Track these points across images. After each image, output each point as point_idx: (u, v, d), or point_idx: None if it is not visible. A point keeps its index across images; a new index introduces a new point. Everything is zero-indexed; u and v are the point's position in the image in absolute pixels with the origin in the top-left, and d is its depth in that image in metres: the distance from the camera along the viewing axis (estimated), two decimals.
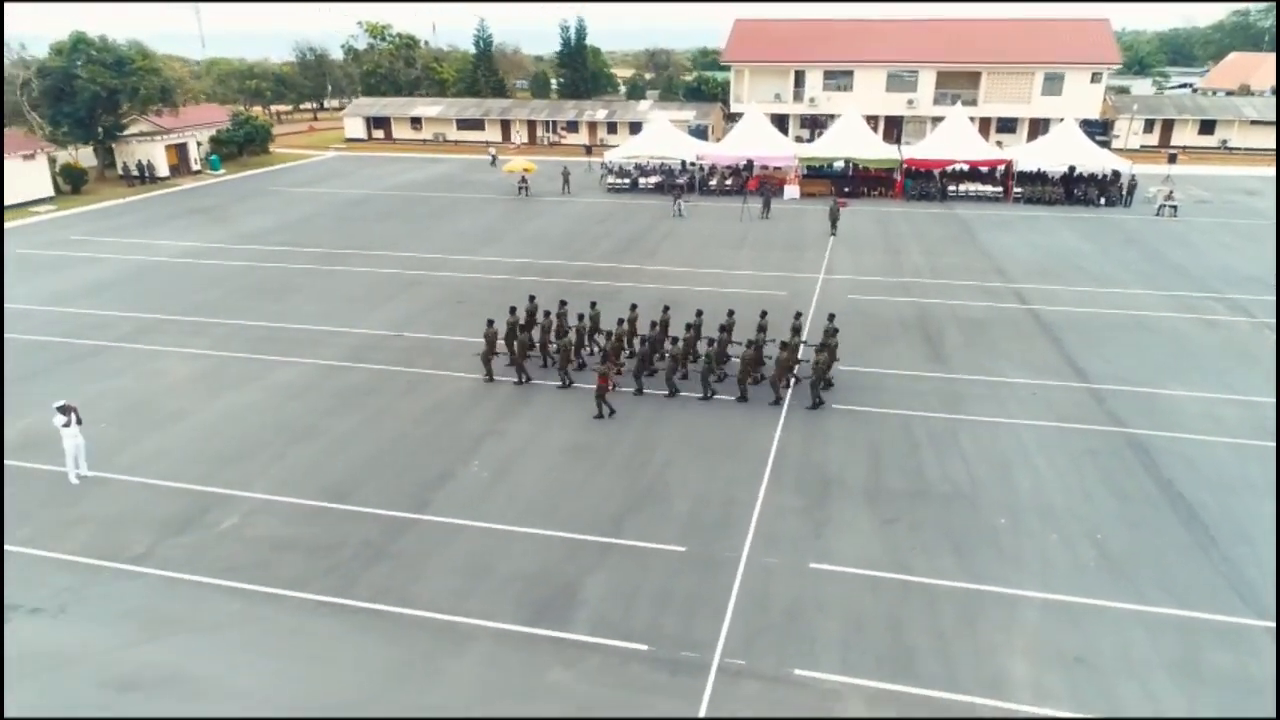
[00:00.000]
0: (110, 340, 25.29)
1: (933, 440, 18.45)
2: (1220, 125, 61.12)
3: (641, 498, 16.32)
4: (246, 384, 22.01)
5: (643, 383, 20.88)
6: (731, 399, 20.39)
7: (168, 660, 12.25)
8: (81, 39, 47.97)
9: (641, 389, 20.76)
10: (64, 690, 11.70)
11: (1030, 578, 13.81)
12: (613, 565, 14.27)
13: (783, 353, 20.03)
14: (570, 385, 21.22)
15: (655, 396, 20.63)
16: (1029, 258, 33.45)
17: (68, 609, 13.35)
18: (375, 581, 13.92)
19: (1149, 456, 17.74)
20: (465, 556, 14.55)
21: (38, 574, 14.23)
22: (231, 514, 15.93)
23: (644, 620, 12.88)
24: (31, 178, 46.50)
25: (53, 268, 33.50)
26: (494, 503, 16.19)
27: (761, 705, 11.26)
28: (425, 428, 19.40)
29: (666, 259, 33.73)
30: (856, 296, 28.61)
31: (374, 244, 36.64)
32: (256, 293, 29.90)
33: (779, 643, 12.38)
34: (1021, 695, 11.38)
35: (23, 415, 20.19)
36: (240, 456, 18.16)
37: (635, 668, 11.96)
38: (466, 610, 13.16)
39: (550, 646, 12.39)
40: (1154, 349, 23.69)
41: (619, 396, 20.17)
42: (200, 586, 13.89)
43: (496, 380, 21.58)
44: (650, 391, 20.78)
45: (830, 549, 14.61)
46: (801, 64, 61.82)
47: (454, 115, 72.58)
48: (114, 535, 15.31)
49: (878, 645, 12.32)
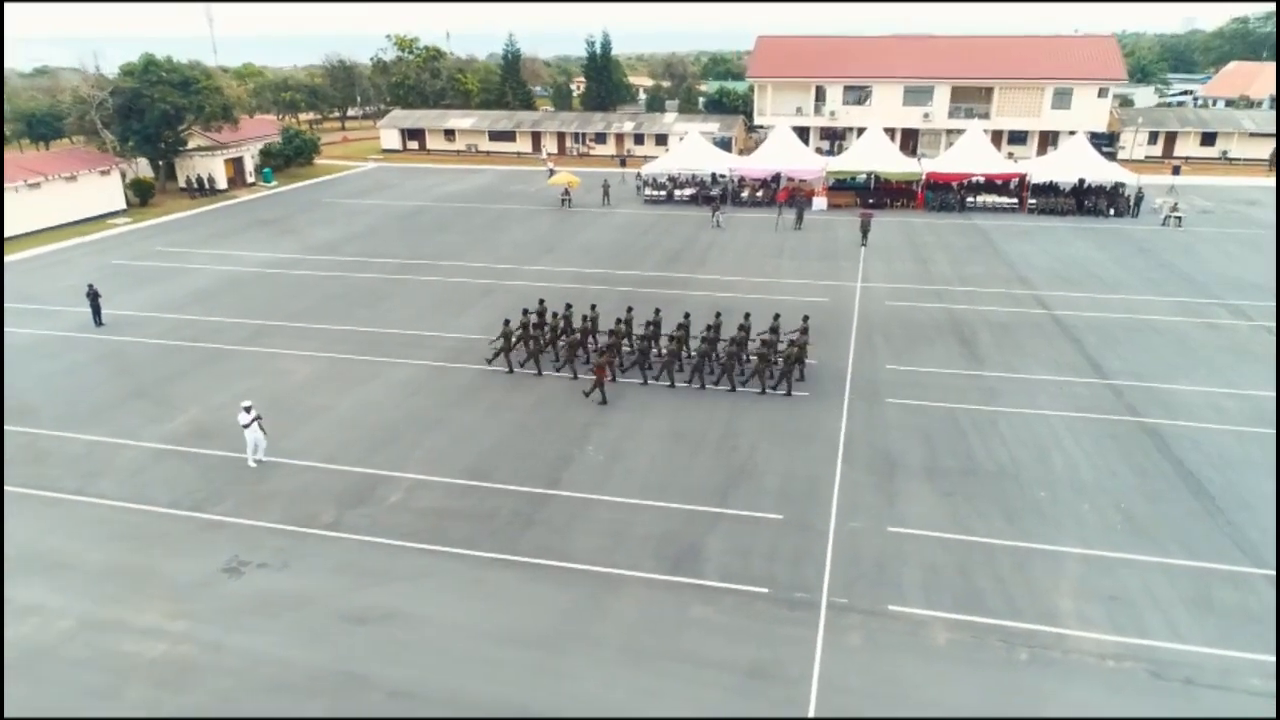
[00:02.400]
0: (231, 344, 28.36)
1: (976, 428, 21.54)
2: (1221, 137, 64.25)
3: (737, 475, 19.41)
4: (367, 382, 25.09)
5: (646, 375, 24.58)
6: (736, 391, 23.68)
7: (384, 602, 15.32)
8: (152, 61, 51.14)
9: (646, 380, 24.42)
10: (310, 623, 14.76)
11: (1069, 537, 16.89)
12: (725, 529, 17.35)
13: (762, 348, 23.45)
14: (576, 376, 24.81)
15: (739, 392, 23.71)
16: (1047, 266, 36.54)
17: (290, 564, 16.43)
18: (533, 542, 16.99)
19: (1162, 440, 20.83)
20: (602, 523, 17.62)
21: (253, 538, 17.31)
22: (395, 490, 19.02)
23: (760, 570, 15.97)
24: (107, 192, 49.68)
25: (153, 278, 36.57)
26: (614, 480, 19.28)
27: (864, 632, 14.33)
28: (537, 418, 22.49)
29: (715, 268, 36.83)
30: (894, 303, 31.69)
31: (442, 254, 39.74)
32: (348, 301, 32.98)
33: (872, 586, 15.46)
34: (1069, 623, 14.45)
35: (183, 410, 23.28)
36: (385, 443, 21.24)
37: (760, 605, 15.04)
38: (615, 563, 16.24)
39: (689, 590, 15.47)
40: (1164, 349, 26.77)
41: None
42: (389, 547, 16.96)
43: (515, 372, 25.30)
44: (714, 387, 23.89)
45: (903, 515, 17.69)
46: (822, 79, 64.97)
47: (486, 127, 75.74)
48: (303, 507, 18.39)
49: (951, 587, 15.40)
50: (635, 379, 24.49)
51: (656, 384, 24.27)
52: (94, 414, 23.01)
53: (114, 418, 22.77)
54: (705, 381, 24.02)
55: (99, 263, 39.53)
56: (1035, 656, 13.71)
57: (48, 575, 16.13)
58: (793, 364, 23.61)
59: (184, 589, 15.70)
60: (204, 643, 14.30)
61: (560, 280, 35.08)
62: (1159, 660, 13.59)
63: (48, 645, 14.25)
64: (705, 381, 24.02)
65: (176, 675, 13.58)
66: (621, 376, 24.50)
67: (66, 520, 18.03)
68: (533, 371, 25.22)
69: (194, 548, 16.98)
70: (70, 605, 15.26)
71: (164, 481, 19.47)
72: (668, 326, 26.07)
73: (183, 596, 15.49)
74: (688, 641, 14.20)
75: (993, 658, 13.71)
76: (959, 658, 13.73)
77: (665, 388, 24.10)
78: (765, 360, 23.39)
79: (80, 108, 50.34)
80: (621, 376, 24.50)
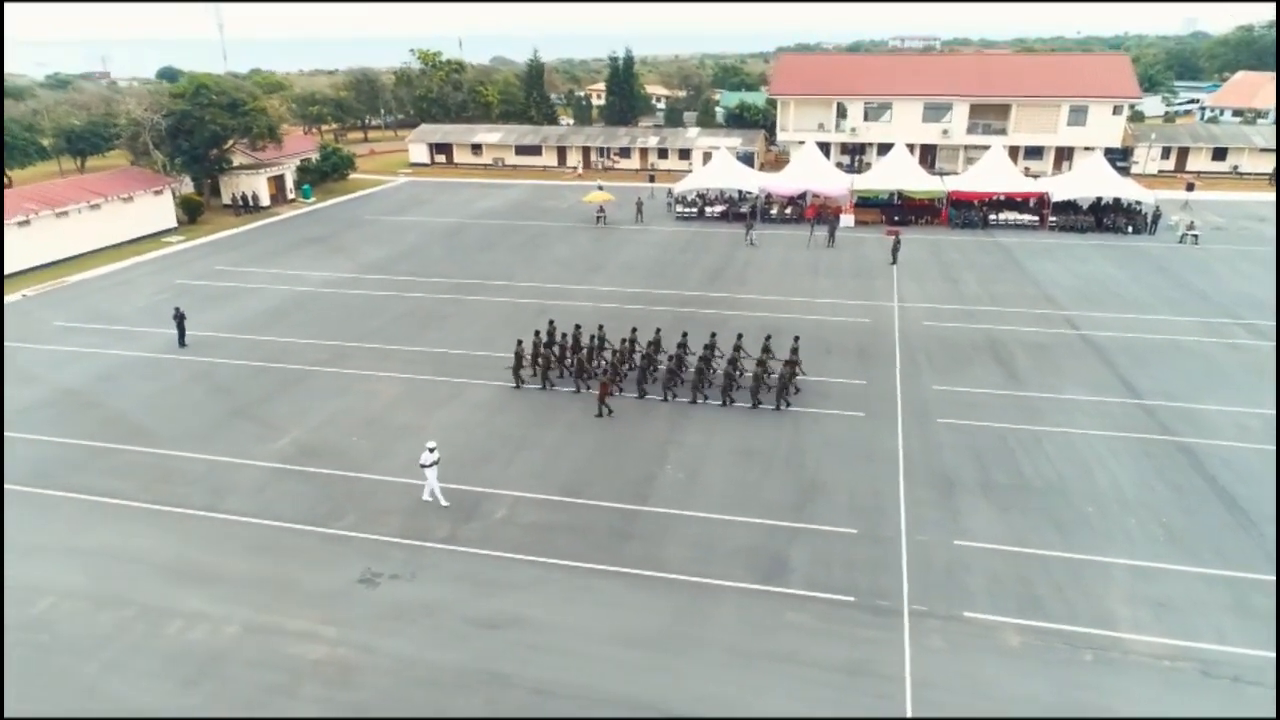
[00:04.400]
0: (311, 365, 30.21)
1: (1023, 446, 23.38)
2: (1232, 152, 66.08)
3: (808, 491, 21.26)
4: (450, 402, 26.94)
5: (643, 390, 26.86)
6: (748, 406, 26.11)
7: (508, 609, 17.17)
8: (203, 84, 53.13)
9: (643, 394, 26.74)
10: (446, 628, 16.60)
11: (1117, 548, 18.72)
12: (805, 542, 19.19)
13: (758, 368, 25.74)
14: (580, 391, 27.14)
15: (801, 411, 25.58)
16: (1072, 285, 38.37)
17: (417, 575, 18.28)
18: (632, 553, 18.84)
19: (1195, 458, 22.66)
20: (692, 536, 19.47)
21: (378, 551, 19.15)
22: (500, 506, 20.88)
23: (843, 580, 17.81)
24: (160, 210, 51.65)
25: (219, 298, 38.44)
26: (697, 496, 21.14)
27: (944, 635, 16.16)
28: (615, 437, 24.34)
29: (756, 287, 38.69)
30: (931, 324, 33.52)
31: (493, 274, 41.61)
32: (413, 321, 34.85)
33: (946, 594, 17.29)
34: (1124, 626, 16.29)
35: (285, 431, 25.14)
36: (479, 461, 23.10)
37: (848, 611, 16.89)
38: (709, 574, 18.09)
39: (780, 598, 17.31)
40: (1190, 369, 28.59)
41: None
42: (502, 559, 18.80)
43: (523, 388, 27.63)
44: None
45: (966, 529, 19.53)
46: (844, 96, 66.84)
47: (513, 141, 77.69)
48: (417, 523, 20.24)
49: (1015, 595, 17.23)
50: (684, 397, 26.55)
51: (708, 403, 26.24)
52: (204, 434, 24.87)
53: (223, 437, 24.63)
54: (697, 396, 26.39)
55: (162, 282, 41.42)
56: (1098, 657, 15.55)
57: (202, 586, 17.98)
58: (786, 382, 25.66)
59: (326, 598, 17.55)
60: (357, 646, 16.15)
61: (610, 300, 36.90)
62: (1207, 660, 15.42)
63: (222, 649, 16.11)
64: (697, 396, 26.39)
65: (340, 675, 15.44)
66: (626, 391, 27.01)
67: (205, 535, 19.89)
68: (538, 386, 27.63)
69: (327, 560, 18.84)
70: (231, 613, 17.12)
71: (286, 498, 21.34)
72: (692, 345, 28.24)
73: (327, 605, 17.34)
74: (786, 644, 16.03)
75: (1060, 658, 15.55)
76: (1031, 658, 15.57)
77: (719, 406, 25.92)
78: (759, 379, 25.67)
79: (133, 128, 52.24)
80: (626, 391, 27.01)
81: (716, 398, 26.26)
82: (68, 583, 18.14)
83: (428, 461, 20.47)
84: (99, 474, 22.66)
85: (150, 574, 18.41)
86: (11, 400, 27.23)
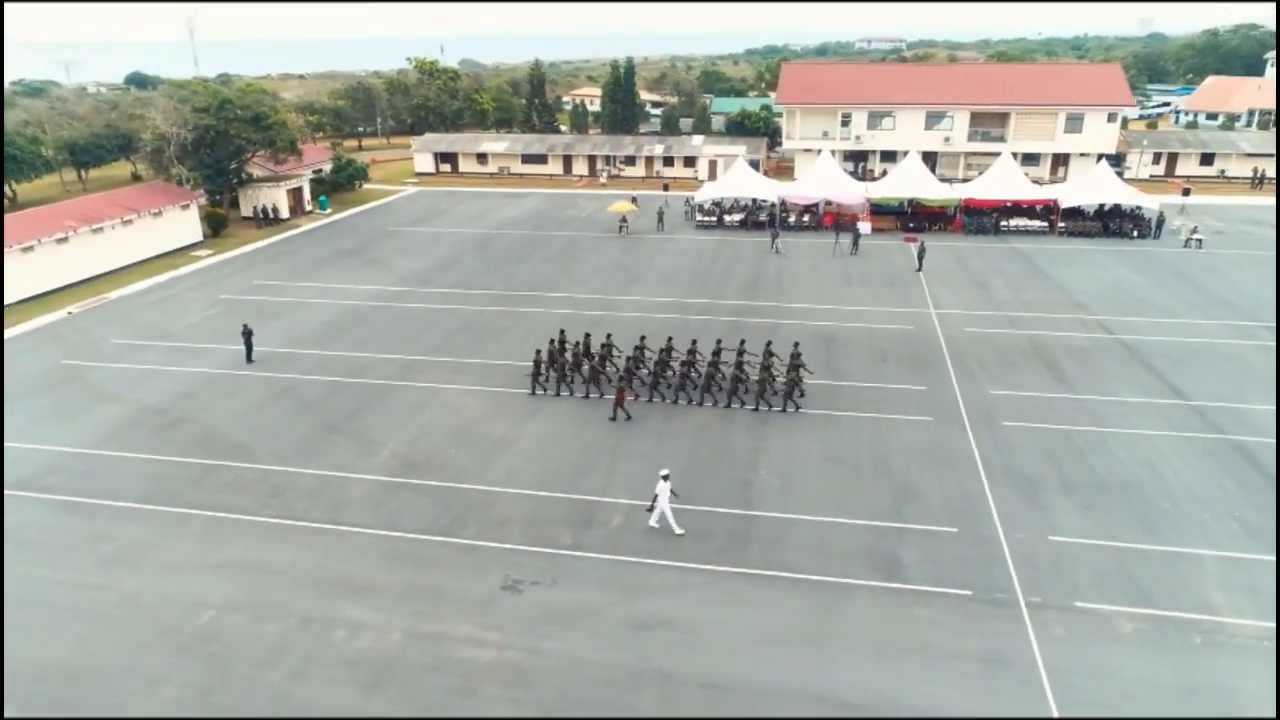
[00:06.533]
0: (387, 379, 31.00)
1: (1091, 447, 24.94)
2: (1219, 157, 68.93)
3: (902, 494, 22.61)
4: (534, 414, 27.91)
5: (653, 394, 28.72)
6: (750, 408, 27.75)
7: (656, 610, 18.27)
8: (227, 100, 53.40)
9: (652, 398, 28.54)
10: (603, 630, 17.66)
11: (1200, 541, 20.30)
12: (912, 541, 20.52)
13: (762, 371, 27.47)
14: (588, 396, 28.87)
15: (878, 417, 26.94)
16: (1096, 290, 40.25)
17: (558, 581, 19.31)
18: (757, 556, 20.02)
19: (1251, 456, 24.38)
20: (806, 538, 20.71)
21: (510, 559, 20.13)
22: (613, 514, 21.96)
23: (957, 575, 19.16)
24: (187, 224, 51.88)
25: (270, 313, 38.89)
26: (797, 500, 22.39)
27: (1064, 625, 17.55)
28: (704, 445, 25.51)
29: (796, 296, 40.07)
30: (972, 330, 35.13)
31: (537, 285, 42.56)
32: (471, 333, 35.72)
33: (1055, 586, 18.71)
34: (1225, 612, 17.81)
35: (382, 445, 25.96)
36: (580, 471, 24.15)
37: (970, 605, 18.23)
38: (834, 572, 19.35)
39: (905, 594, 18.61)
40: (1228, 371, 30.42)
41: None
42: (635, 564, 19.88)
43: (538, 394, 29.19)
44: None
45: (1056, 525, 21.00)
46: (848, 105, 68.64)
47: (519, 150, 78.49)
48: (539, 531, 21.26)
49: (1120, 584, 18.70)
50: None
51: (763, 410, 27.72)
52: (302, 450, 25.62)
53: (323, 453, 25.41)
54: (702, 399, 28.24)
55: (206, 297, 41.83)
56: (1206, 640, 17.05)
57: (355, 596, 18.85)
58: (792, 387, 27.43)
59: (478, 604, 18.52)
60: (522, 648, 17.16)
61: (659, 310, 38.04)
62: None
63: (394, 655, 17.03)
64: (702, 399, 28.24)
65: (516, 676, 16.45)
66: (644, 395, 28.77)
67: (337, 547, 20.72)
68: (553, 392, 29.14)
69: (466, 568, 19.79)
70: (390, 620, 18.02)
71: (406, 511, 22.23)
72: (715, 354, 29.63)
73: (481, 611, 18.31)
74: (922, 636, 17.32)
75: (1173, 642, 17.02)
76: (1146, 643, 17.02)
77: (791, 414, 27.26)
78: (763, 383, 27.39)
79: (158, 141, 52.38)
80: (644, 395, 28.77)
81: (722, 400, 28.16)
82: (220, 595, 18.90)
83: (664, 489, 20.79)
84: (214, 490, 23.37)
85: (298, 585, 19.24)
86: (101, 419, 27.77)
